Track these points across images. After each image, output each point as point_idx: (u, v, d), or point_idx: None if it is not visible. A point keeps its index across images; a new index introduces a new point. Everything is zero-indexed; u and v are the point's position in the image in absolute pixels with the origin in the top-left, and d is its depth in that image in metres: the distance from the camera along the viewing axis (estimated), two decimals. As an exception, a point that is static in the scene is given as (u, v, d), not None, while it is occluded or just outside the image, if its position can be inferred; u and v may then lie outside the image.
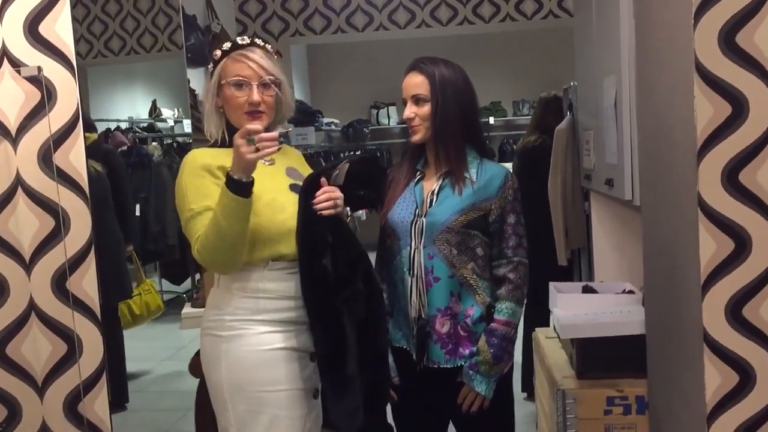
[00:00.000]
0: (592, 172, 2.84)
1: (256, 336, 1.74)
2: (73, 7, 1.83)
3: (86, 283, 1.81)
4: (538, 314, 3.26)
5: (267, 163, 1.82)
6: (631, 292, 2.76)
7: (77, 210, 1.82)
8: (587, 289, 2.83)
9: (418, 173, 1.97)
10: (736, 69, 1.65)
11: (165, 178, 5.27)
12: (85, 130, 4.02)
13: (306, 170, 1.94)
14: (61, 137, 1.80)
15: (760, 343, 1.71)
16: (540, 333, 3.09)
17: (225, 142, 1.82)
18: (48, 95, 1.78)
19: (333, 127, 7.55)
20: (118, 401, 3.95)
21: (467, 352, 1.89)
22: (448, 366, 1.90)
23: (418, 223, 1.90)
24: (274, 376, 1.74)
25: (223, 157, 1.75)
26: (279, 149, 1.69)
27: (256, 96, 1.77)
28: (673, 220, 1.96)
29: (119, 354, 3.92)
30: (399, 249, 1.92)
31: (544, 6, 5.60)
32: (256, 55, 1.79)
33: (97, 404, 1.83)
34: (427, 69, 1.94)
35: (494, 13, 5.62)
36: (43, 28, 1.77)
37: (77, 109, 1.82)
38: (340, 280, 1.75)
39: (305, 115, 6.32)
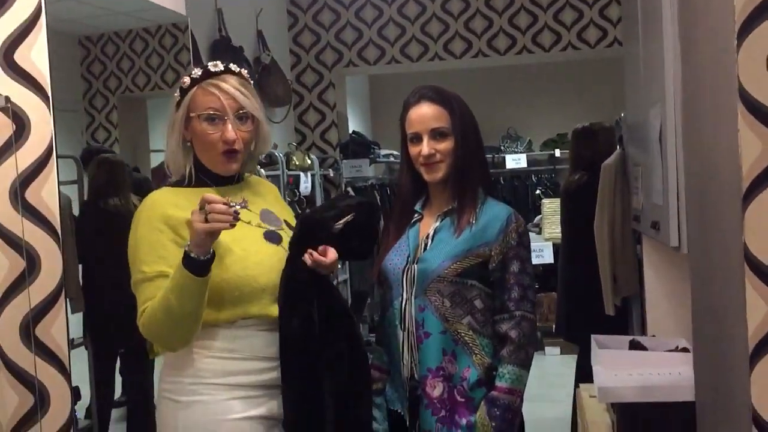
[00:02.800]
0: (641, 212, 2.55)
1: (220, 403, 1.53)
2: (132, 40, 1.73)
3: (55, 330, 1.67)
4: (589, 368, 2.95)
5: (239, 206, 1.64)
6: (685, 349, 2.44)
7: (48, 251, 1.69)
8: (634, 345, 2.52)
9: (416, 215, 1.76)
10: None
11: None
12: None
13: (282, 209, 1.75)
14: (33, 171, 1.68)
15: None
16: (584, 390, 2.79)
17: (191, 181, 1.63)
18: (21, 127, 1.67)
19: (392, 158, 7.40)
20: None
21: (464, 422, 1.63)
22: (442, 437, 1.65)
23: (410, 270, 1.68)
24: None
25: (188, 203, 1.56)
26: (236, 221, 1.47)
27: (231, 133, 1.56)
28: (720, 273, 1.68)
29: (148, 390, 3.81)
30: (391, 300, 1.71)
31: (608, 34, 5.31)
32: (230, 84, 1.59)
33: (66, 460, 1.69)
34: (442, 99, 1.73)
35: (555, 42, 5.37)
36: (19, 57, 1.68)
37: (51, 143, 1.70)
38: (323, 339, 1.55)
39: (360, 147, 6.20)
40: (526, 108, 7.74)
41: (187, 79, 1.60)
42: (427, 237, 1.70)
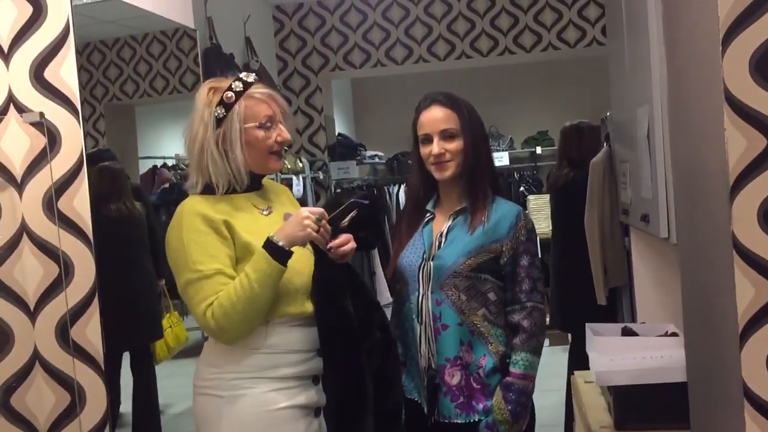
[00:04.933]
0: (630, 206, 2.69)
1: (260, 395, 1.64)
2: (119, 48, 1.82)
3: (90, 331, 1.77)
4: (583, 355, 3.09)
5: (265, 213, 1.75)
6: (674, 334, 2.58)
7: (81, 256, 1.79)
8: (627, 331, 2.66)
9: (428, 214, 1.88)
10: (768, 97, 1.51)
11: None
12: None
13: (297, 209, 1.86)
14: (65, 183, 1.78)
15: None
16: (579, 377, 2.92)
17: (225, 190, 1.72)
18: (52, 141, 1.76)
19: (377, 159, 7.52)
20: (152, 441, 3.91)
21: (481, 406, 1.76)
22: (460, 421, 1.77)
23: (426, 267, 1.80)
24: None
25: (223, 208, 1.67)
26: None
27: (287, 133, 1.73)
28: (709, 261, 1.81)
29: (152, 394, 3.90)
30: (408, 295, 1.83)
31: (587, 34, 5.47)
32: (268, 90, 1.74)
33: (101, 457, 1.79)
34: (451, 102, 1.85)
35: (536, 42, 5.52)
36: (49, 74, 1.77)
37: (81, 154, 1.80)
38: (361, 328, 1.67)
39: (347, 149, 6.31)
40: (507, 107, 7.90)
41: (230, 94, 1.69)
42: (441, 235, 1.82)
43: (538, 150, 7.77)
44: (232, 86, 1.70)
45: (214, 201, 1.70)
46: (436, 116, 1.82)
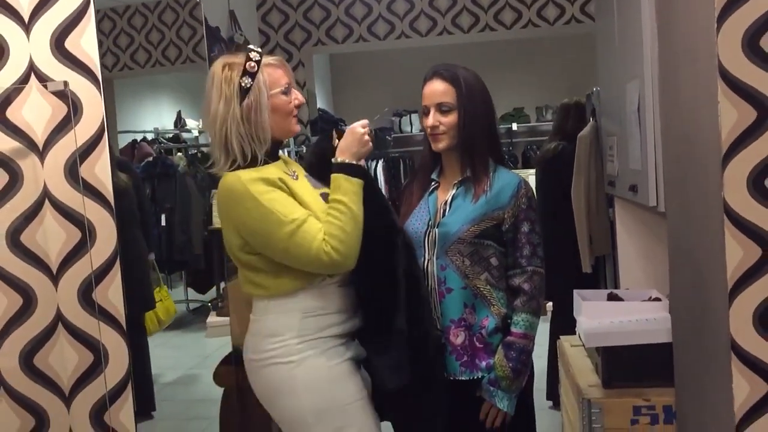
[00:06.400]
0: (616, 178, 2.81)
1: (322, 354, 1.73)
2: (99, 20, 1.86)
3: (112, 294, 1.84)
4: (565, 322, 3.23)
5: (294, 177, 1.82)
6: (657, 299, 2.72)
7: (103, 221, 1.85)
8: (612, 297, 2.79)
9: (433, 183, 1.96)
10: (760, 73, 1.62)
11: (190, 188, 5.31)
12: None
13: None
14: (86, 150, 1.83)
15: (790, 351, 1.68)
16: (565, 341, 3.06)
17: (255, 161, 1.74)
18: (74, 109, 1.81)
19: (356, 135, 7.58)
20: (145, 409, 3.98)
21: (484, 364, 1.87)
22: (464, 378, 1.88)
23: (431, 233, 1.89)
24: (351, 388, 1.76)
25: (271, 172, 1.72)
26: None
27: (302, 96, 1.81)
28: (698, 226, 1.93)
29: (145, 362, 3.96)
30: None
31: (566, 11, 5.58)
32: (279, 57, 1.82)
33: (123, 413, 1.86)
34: (451, 76, 1.92)
35: (516, 19, 5.61)
36: (70, 44, 1.82)
37: (102, 122, 1.85)
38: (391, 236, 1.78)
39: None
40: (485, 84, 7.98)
41: (253, 64, 1.72)
42: (445, 203, 1.91)
43: (514, 126, 7.90)
44: (251, 56, 1.74)
45: (254, 170, 1.72)
46: (434, 89, 1.90)
